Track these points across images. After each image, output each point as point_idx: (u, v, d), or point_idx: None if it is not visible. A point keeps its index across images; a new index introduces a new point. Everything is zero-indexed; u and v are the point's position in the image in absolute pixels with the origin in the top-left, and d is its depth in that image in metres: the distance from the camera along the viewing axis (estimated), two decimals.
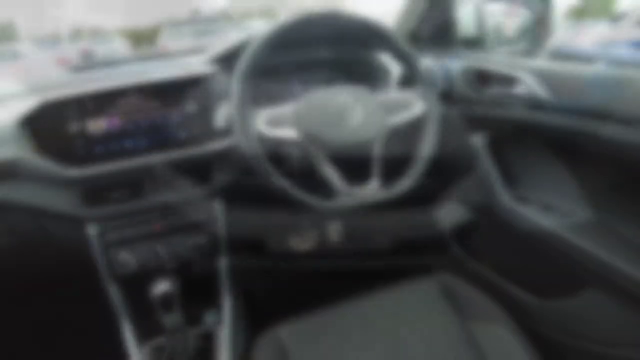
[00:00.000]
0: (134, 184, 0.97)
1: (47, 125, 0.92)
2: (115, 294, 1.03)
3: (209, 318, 1.06)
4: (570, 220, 0.95)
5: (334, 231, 1.68)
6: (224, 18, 9.14)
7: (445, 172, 1.25)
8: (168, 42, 7.75)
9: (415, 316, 0.95)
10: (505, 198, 1.05)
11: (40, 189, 0.94)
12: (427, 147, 0.95)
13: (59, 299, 1.63)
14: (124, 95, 0.95)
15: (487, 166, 1.09)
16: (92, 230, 0.98)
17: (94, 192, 0.96)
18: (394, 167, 0.96)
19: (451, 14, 1.31)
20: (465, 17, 1.39)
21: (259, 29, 1.03)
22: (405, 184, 0.92)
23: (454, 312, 0.96)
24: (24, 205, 0.94)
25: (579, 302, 0.96)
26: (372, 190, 0.88)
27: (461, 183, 1.32)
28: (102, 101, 0.94)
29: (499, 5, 1.50)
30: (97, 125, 0.93)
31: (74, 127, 0.92)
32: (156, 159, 0.96)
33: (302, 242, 1.71)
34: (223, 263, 1.09)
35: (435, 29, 1.33)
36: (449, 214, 1.39)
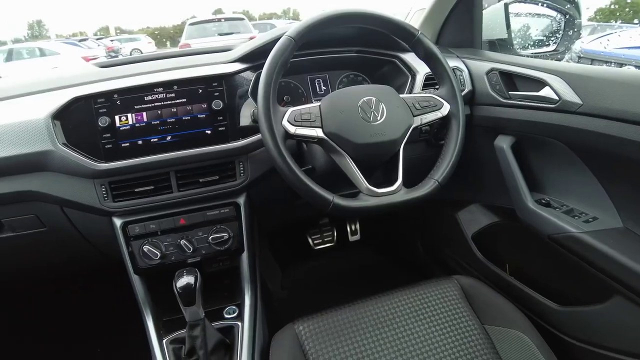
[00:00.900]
0: (159, 179, 0.99)
1: (76, 119, 0.95)
2: (138, 286, 1.05)
3: (230, 312, 1.07)
4: (595, 225, 0.94)
5: (354, 230, 1.68)
6: (246, 18, 9.20)
7: (469, 174, 1.24)
8: (190, 40, 7.83)
9: (434, 316, 0.95)
10: (528, 201, 1.04)
11: (68, 181, 0.96)
12: (452, 148, 0.93)
13: (85, 289, 1.67)
14: (150, 91, 0.97)
15: (511, 169, 1.07)
16: (117, 223, 1.01)
17: (120, 186, 0.98)
18: (418, 168, 0.96)
19: (477, 14, 1.29)
20: (491, 17, 1.38)
21: (282, 28, 1.03)
22: (430, 185, 0.90)
23: (473, 314, 0.96)
24: (52, 196, 0.97)
25: (601, 309, 0.94)
26: (396, 191, 0.87)
27: (484, 185, 1.30)
28: (130, 97, 0.96)
29: (526, 5, 1.48)
30: (124, 120, 0.96)
31: (101, 122, 0.94)
32: (181, 154, 0.98)
33: (321, 240, 1.71)
34: (245, 258, 1.10)
35: (460, 29, 1.32)
36: (472, 215, 1.38)
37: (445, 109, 0.94)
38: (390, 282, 1.68)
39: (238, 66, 1.03)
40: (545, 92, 0.97)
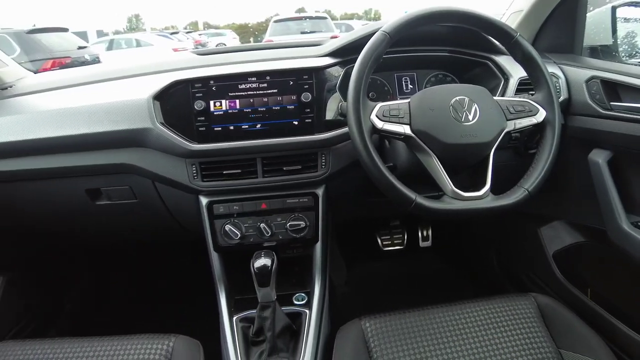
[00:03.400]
0: (246, 164, 1.04)
1: (174, 101, 1.02)
2: (216, 263, 1.11)
3: (299, 299, 1.10)
4: None
5: (425, 235, 1.65)
6: (328, 17, 9.33)
7: (557, 187, 1.17)
8: (274, 37, 8.07)
9: (506, 332, 0.90)
10: (623, 223, 0.96)
11: (163, 158, 1.04)
12: (545, 157, 0.89)
13: (164, 261, 1.79)
14: (244, 80, 1.02)
15: (606, 186, 1.00)
16: (203, 201, 1.07)
17: (210, 167, 1.04)
18: (503, 176, 0.92)
19: (579, 18, 1.21)
20: (595, 22, 1.29)
21: (374, 24, 1.04)
22: (519, 194, 0.86)
23: (549, 336, 0.90)
24: (147, 170, 1.05)
25: None
26: (483, 196, 0.84)
27: (572, 201, 1.22)
28: (225, 84, 1.02)
29: (637, 9, 1.36)
30: (218, 106, 1.02)
31: (197, 106, 1.01)
32: (269, 142, 1.02)
33: (390, 242, 1.70)
34: (318, 248, 1.12)
35: (559, 33, 1.25)
36: (555, 232, 1.30)
37: (541, 115, 0.90)
38: (458, 292, 1.63)
39: (328, 60, 1.06)
40: None
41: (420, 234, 1.68)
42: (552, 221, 1.31)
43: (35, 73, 1.45)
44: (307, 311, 1.06)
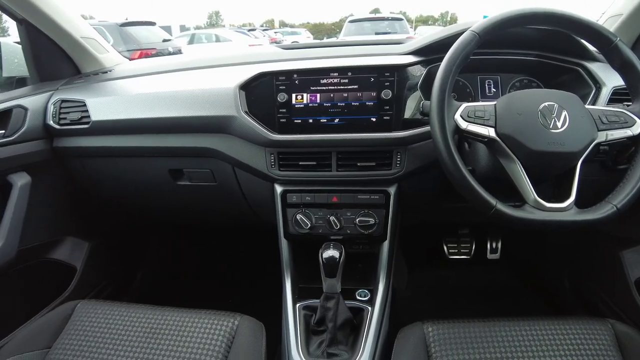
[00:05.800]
0: (321, 156, 1.06)
1: (258, 92, 1.07)
2: (284, 250, 1.15)
3: (362, 295, 1.10)
4: None
5: (494, 248, 1.58)
6: (404, 18, 9.20)
7: None
8: (348, 37, 8.08)
9: (576, 357, 0.84)
10: None
11: (244, 146, 1.09)
12: (639, 173, 0.82)
13: (236, 242, 1.87)
14: (326, 75, 1.04)
15: None
16: (278, 190, 1.11)
17: (287, 157, 1.07)
18: (590, 189, 0.86)
19: None
20: None
21: (464, 23, 1.01)
22: (607, 210, 0.80)
23: None
24: (229, 156, 1.11)
25: None
26: (567, 209, 0.80)
27: None
28: (307, 78, 1.05)
29: None
30: (300, 99, 1.05)
31: (280, 98, 1.04)
32: (346, 137, 1.03)
33: (457, 250, 1.66)
34: (385, 247, 1.12)
35: None
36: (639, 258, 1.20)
37: (637, 127, 0.83)
38: (525, 309, 1.55)
39: (411, 59, 1.05)
40: None
41: (489, 245, 1.62)
42: (638, 245, 1.21)
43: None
44: (370, 308, 1.06)
